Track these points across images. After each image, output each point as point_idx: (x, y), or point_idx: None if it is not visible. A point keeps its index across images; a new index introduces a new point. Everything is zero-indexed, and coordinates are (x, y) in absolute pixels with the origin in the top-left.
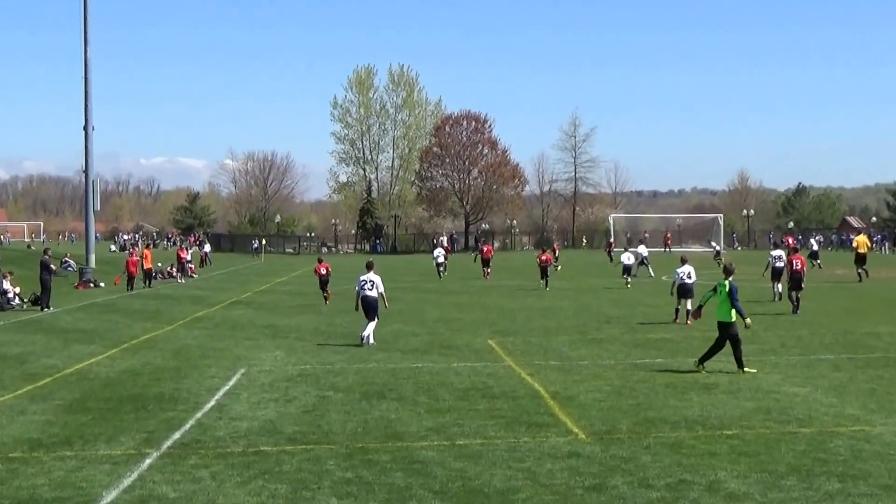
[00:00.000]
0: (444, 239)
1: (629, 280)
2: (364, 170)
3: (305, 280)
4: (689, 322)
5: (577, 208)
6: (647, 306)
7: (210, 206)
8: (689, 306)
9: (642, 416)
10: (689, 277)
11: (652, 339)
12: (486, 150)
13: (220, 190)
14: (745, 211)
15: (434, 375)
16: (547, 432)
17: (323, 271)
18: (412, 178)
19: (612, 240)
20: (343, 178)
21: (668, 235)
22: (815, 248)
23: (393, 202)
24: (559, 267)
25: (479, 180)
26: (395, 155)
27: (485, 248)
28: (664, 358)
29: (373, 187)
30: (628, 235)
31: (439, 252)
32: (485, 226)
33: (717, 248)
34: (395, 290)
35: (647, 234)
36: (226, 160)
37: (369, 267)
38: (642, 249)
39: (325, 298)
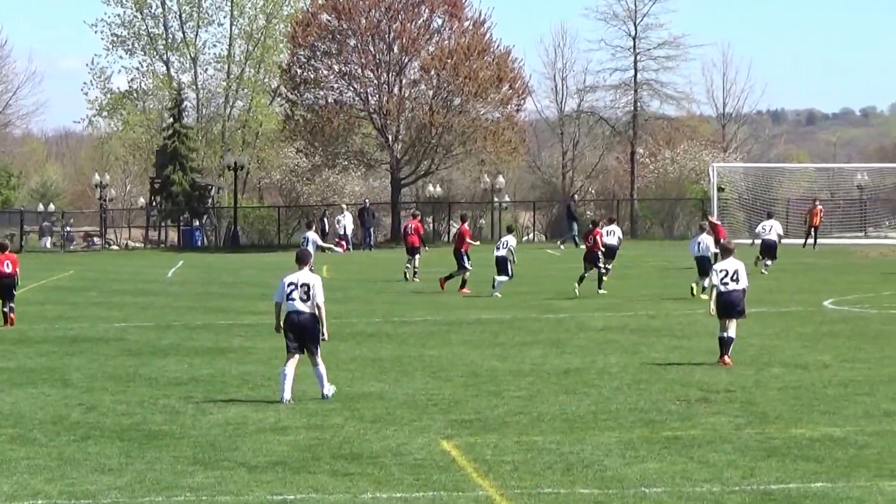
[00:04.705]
0: (346, 218)
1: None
2: (167, 64)
3: (37, 308)
4: (725, 360)
5: (640, 150)
6: (786, 365)
7: None
8: (731, 332)
9: None
10: (736, 280)
11: (799, 436)
12: (438, 21)
13: None
14: None
15: None
16: None
17: (7, 269)
18: (273, 84)
19: (711, 218)
20: (121, 84)
21: (817, 207)
22: None
23: (232, 137)
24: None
25: (423, 88)
26: (234, 31)
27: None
28: (828, 479)
29: (186, 104)
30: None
31: (309, 238)
32: (434, 188)
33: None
34: (238, 329)
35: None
36: None
37: (301, 260)
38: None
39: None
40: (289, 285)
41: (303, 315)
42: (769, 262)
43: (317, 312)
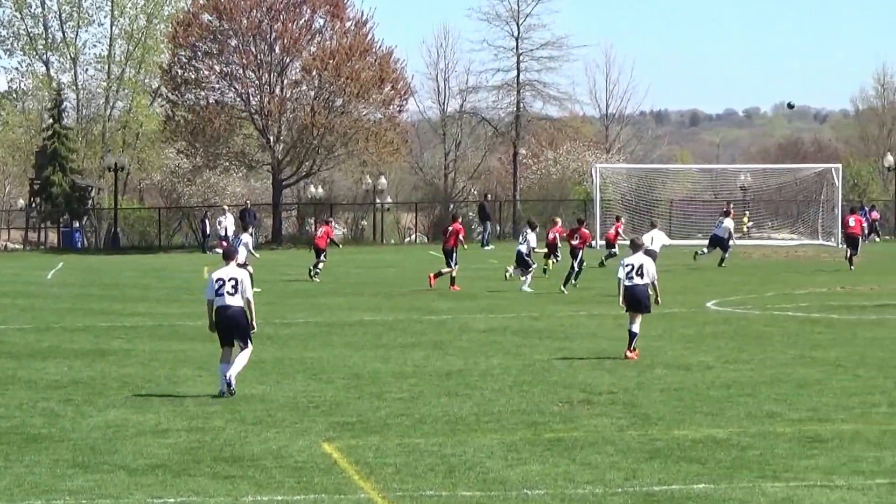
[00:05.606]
0: (227, 219)
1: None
2: (47, 65)
3: None
4: (627, 353)
5: (523, 151)
6: (669, 367)
7: None
8: (635, 327)
9: None
10: (641, 275)
11: (682, 438)
12: (320, 21)
13: None
14: (889, 156)
15: None
16: None
17: None
18: (154, 84)
19: (618, 227)
20: (0, 84)
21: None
22: None
23: (112, 138)
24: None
25: (304, 88)
26: (115, 31)
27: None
28: (710, 481)
29: (66, 105)
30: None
31: (242, 241)
32: (315, 189)
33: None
34: (118, 331)
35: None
36: None
37: (228, 257)
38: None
39: None
40: (217, 281)
41: (231, 309)
42: (706, 251)
43: (246, 306)
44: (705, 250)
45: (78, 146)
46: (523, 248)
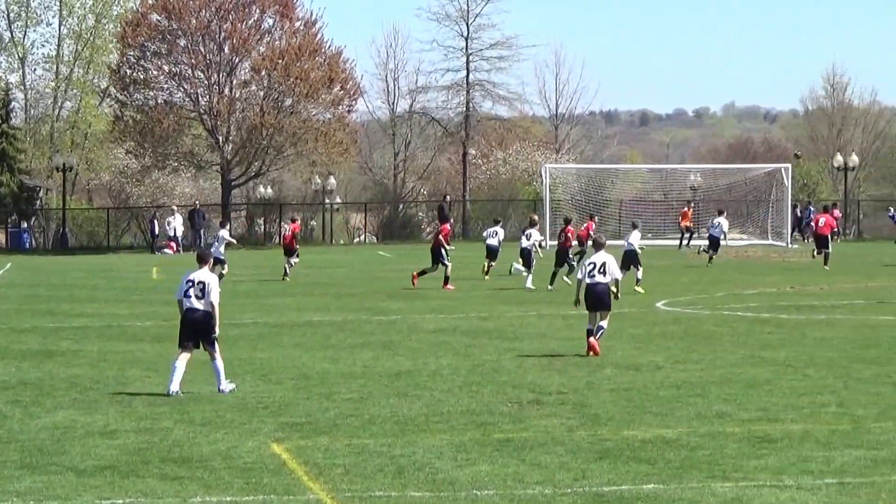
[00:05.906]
0: (176, 219)
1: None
2: None
3: None
4: (595, 348)
5: (473, 151)
6: (618, 367)
7: None
8: (604, 322)
9: None
10: (603, 273)
11: (632, 438)
12: (269, 21)
13: None
14: (839, 156)
15: None
16: None
17: None
18: (103, 84)
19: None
20: None
21: (688, 210)
22: None
23: (61, 138)
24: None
25: (254, 88)
26: (63, 31)
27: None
28: (660, 481)
29: (14, 105)
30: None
31: (220, 237)
32: (265, 189)
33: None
34: (66, 332)
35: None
36: None
37: (201, 260)
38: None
39: None
40: (187, 283)
41: (197, 312)
42: (711, 253)
43: (211, 310)
44: (711, 252)
45: (26, 146)
46: (526, 245)
